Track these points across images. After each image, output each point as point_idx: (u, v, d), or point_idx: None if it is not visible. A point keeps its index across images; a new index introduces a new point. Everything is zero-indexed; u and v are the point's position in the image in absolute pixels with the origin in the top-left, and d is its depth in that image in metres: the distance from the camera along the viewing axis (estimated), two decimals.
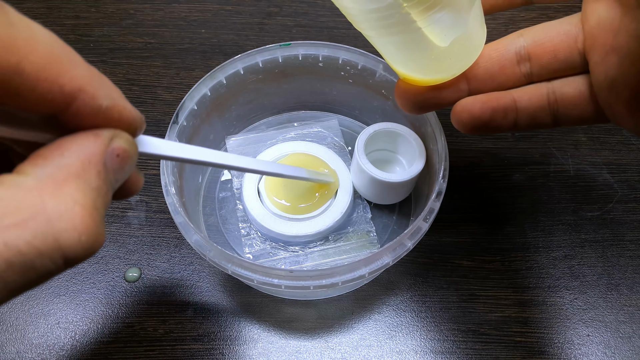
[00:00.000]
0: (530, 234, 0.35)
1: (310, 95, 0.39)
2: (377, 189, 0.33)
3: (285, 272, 0.26)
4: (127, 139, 0.15)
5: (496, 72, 0.24)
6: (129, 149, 0.15)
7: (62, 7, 0.48)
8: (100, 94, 0.14)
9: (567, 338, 0.32)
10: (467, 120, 0.23)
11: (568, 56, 0.23)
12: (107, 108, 0.14)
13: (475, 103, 0.23)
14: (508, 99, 0.23)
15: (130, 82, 0.43)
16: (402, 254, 0.27)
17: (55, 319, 0.32)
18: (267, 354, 0.31)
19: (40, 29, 0.13)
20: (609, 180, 0.38)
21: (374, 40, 0.23)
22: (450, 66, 0.23)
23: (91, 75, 0.14)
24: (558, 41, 0.23)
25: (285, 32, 0.46)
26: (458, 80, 0.24)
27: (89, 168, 0.14)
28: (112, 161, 0.15)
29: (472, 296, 0.33)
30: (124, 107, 0.15)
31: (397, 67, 0.24)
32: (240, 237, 0.34)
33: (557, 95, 0.23)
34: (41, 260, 0.12)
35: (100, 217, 0.14)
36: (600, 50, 0.21)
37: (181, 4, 0.48)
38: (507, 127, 0.24)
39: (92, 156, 0.14)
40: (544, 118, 0.24)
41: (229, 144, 0.37)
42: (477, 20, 0.23)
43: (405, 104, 0.25)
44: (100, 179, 0.14)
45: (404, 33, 0.21)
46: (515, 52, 0.23)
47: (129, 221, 0.36)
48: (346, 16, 0.22)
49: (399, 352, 0.31)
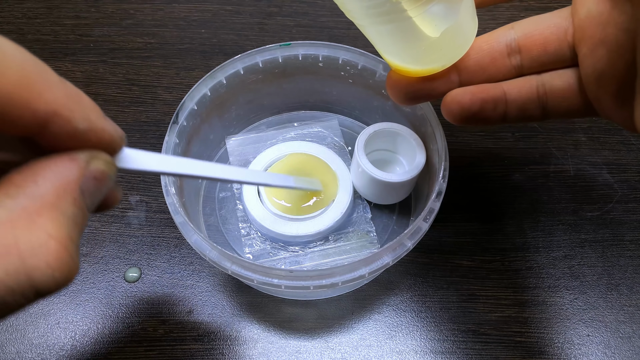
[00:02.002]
0: (530, 234, 0.35)
1: (310, 95, 0.39)
2: (377, 189, 0.33)
3: (285, 272, 0.26)
4: (105, 159, 0.15)
5: (487, 64, 0.24)
6: (107, 171, 0.15)
7: (62, 7, 0.48)
8: (76, 117, 0.14)
9: (567, 338, 0.32)
10: (457, 111, 0.24)
11: (558, 49, 0.23)
12: (83, 131, 0.14)
13: (465, 94, 0.23)
14: (498, 91, 0.23)
15: (130, 82, 0.43)
16: (402, 254, 0.27)
17: (55, 319, 0.32)
18: (267, 354, 0.31)
19: (11, 47, 0.12)
20: (609, 180, 0.38)
21: (365, 30, 0.23)
22: (441, 57, 0.23)
23: (67, 96, 0.13)
24: (548, 34, 0.23)
25: (285, 32, 0.46)
26: (449, 72, 0.24)
27: (64, 196, 0.13)
28: (89, 185, 0.14)
29: (472, 296, 0.33)
30: (102, 128, 0.15)
31: (388, 57, 0.24)
32: (240, 237, 0.34)
33: (547, 87, 0.23)
34: (13, 297, 0.12)
35: (75, 248, 0.13)
36: (589, 43, 0.21)
37: (181, 4, 0.48)
38: (497, 118, 0.24)
39: (68, 183, 0.13)
40: (533, 110, 0.24)
41: (229, 144, 0.37)
42: (468, 11, 0.23)
43: (396, 94, 0.25)
44: (76, 206, 0.14)
45: (395, 22, 0.21)
46: (506, 44, 0.23)
47: (129, 221, 0.36)
48: (339, 5, 0.22)
49: (399, 352, 0.31)
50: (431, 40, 0.22)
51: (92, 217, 0.36)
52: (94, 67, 0.44)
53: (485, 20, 0.46)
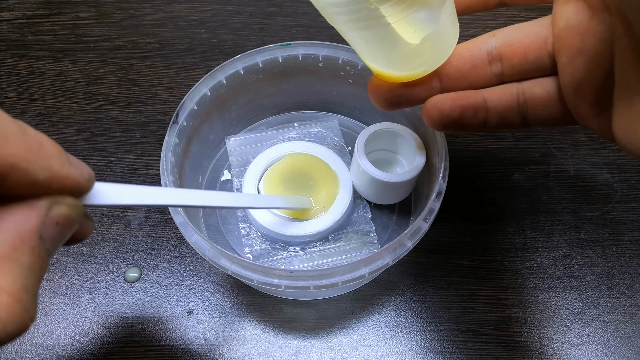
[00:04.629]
0: (530, 234, 0.35)
1: (310, 95, 0.39)
2: (377, 189, 0.33)
3: (285, 272, 0.26)
4: (68, 203, 0.14)
5: (468, 71, 0.24)
6: (70, 214, 0.14)
7: (62, 7, 0.48)
8: (35, 169, 0.13)
9: (567, 338, 0.32)
10: (437, 117, 0.24)
11: (538, 58, 0.23)
12: (44, 180, 0.13)
13: (446, 101, 0.23)
14: (478, 98, 0.23)
15: (130, 82, 0.43)
16: (402, 254, 0.27)
17: (55, 319, 0.32)
18: (267, 354, 0.31)
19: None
20: (609, 180, 0.38)
21: (346, 35, 0.23)
22: (421, 63, 0.23)
23: (26, 148, 0.13)
24: (528, 42, 0.23)
25: (285, 32, 0.46)
26: (430, 78, 0.24)
27: (20, 247, 0.13)
28: (50, 231, 0.14)
29: (472, 296, 0.33)
30: (66, 176, 0.14)
31: (369, 63, 0.24)
32: (240, 237, 0.34)
33: (527, 95, 0.23)
34: None
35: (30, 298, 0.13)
36: (568, 52, 0.21)
37: (181, 4, 0.48)
38: (477, 125, 0.24)
39: (25, 233, 0.13)
40: (513, 118, 0.24)
41: (229, 144, 0.37)
42: (449, 19, 0.23)
43: (377, 100, 0.25)
44: (34, 255, 0.13)
45: (373, 28, 0.21)
46: (487, 52, 0.24)
47: (129, 221, 0.36)
48: (320, 11, 0.22)
49: (399, 352, 0.31)
50: (411, 46, 0.22)
51: (92, 217, 0.36)
52: (94, 67, 0.44)
53: (485, 20, 0.46)
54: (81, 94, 0.43)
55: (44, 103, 0.42)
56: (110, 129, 0.41)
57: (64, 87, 0.43)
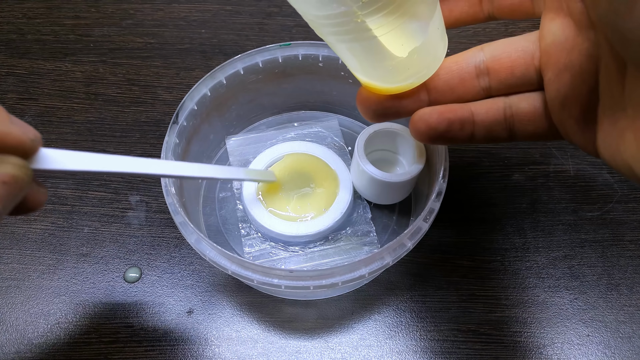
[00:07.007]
0: (530, 234, 0.35)
1: (310, 95, 0.39)
2: (377, 189, 0.33)
3: (285, 272, 0.26)
4: (14, 163, 0.14)
5: (456, 85, 0.24)
6: (17, 174, 0.14)
7: (62, 7, 0.48)
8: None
9: (567, 338, 0.32)
10: (424, 130, 0.24)
11: (525, 72, 0.23)
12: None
13: (433, 114, 0.24)
14: (465, 112, 0.24)
15: (130, 82, 0.43)
16: (402, 254, 0.27)
17: (55, 319, 0.32)
18: (267, 354, 0.31)
19: None
20: (609, 180, 0.38)
21: (334, 47, 0.23)
22: (409, 76, 0.23)
23: None
24: (515, 57, 0.23)
25: (285, 32, 0.46)
26: (418, 90, 0.24)
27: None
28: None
29: (472, 296, 0.33)
30: (8, 132, 0.14)
31: (356, 74, 0.24)
32: (240, 237, 0.34)
33: (514, 110, 0.23)
34: None
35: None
36: (554, 67, 0.21)
37: (181, 4, 0.48)
38: (464, 138, 0.24)
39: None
40: (499, 132, 0.24)
41: (229, 144, 0.37)
42: (437, 32, 0.23)
43: (366, 111, 0.26)
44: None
45: (360, 41, 0.21)
46: (475, 66, 0.24)
47: (129, 221, 0.36)
48: (307, 22, 0.22)
49: (399, 352, 0.31)
50: (399, 59, 0.22)
51: (92, 217, 0.36)
52: (94, 67, 0.44)
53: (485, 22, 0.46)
54: (81, 94, 0.43)
55: (44, 103, 0.42)
56: (110, 129, 0.41)
57: (64, 87, 0.43)
